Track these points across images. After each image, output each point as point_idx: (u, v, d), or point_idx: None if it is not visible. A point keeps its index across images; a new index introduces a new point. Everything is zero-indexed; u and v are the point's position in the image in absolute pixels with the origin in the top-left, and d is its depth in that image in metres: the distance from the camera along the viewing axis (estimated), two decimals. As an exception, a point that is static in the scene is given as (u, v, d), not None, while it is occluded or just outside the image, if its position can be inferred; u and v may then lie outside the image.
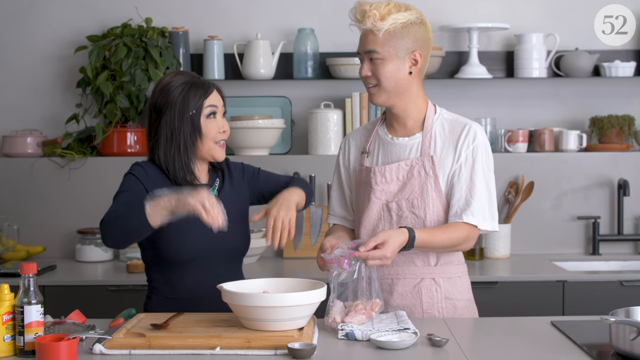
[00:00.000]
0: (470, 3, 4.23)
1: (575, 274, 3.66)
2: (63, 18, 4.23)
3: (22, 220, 4.04)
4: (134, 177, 2.50)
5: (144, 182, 2.49)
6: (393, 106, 2.53)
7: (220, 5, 4.24)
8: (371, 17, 2.42)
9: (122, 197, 2.44)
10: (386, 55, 2.44)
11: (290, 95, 4.23)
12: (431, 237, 2.40)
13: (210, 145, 2.53)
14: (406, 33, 2.44)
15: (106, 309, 3.02)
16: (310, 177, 4.02)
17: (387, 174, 2.52)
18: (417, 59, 2.47)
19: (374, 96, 2.50)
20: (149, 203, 2.26)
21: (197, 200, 2.21)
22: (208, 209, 2.22)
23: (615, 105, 4.22)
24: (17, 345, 2.09)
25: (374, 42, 2.44)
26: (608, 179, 4.11)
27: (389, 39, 2.43)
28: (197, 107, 2.50)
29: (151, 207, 2.25)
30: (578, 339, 2.20)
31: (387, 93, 2.48)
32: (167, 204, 2.25)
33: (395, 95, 2.49)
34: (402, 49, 2.45)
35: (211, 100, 2.53)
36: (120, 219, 2.32)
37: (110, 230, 2.33)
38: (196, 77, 2.56)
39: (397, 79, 2.47)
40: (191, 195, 2.22)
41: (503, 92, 4.26)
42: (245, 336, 2.12)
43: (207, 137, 2.52)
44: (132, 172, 2.52)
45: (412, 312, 2.51)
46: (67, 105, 4.23)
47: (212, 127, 2.52)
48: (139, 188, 2.47)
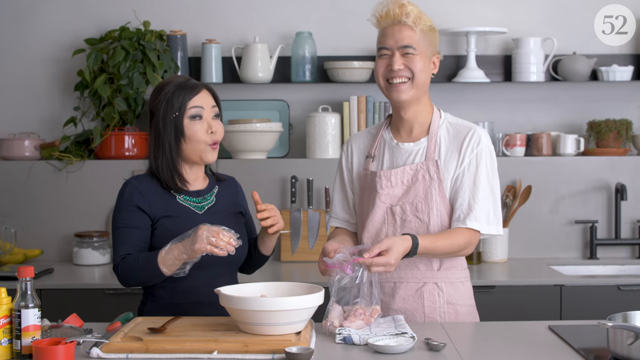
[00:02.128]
0: (468, 7, 4.24)
1: (573, 278, 3.66)
2: (61, 21, 4.23)
3: (20, 223, 4.03)
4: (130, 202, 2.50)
5: (140, 205, 2.49)
6: (406, 109, 2.54)
7: (218, 8, 4.24)
8: (410, 14, 2.47)
9: (127, 236, 2.48)
10: (420, 52, 2.49)
11: (288, 99, 4.23)
12: (434, 243, 2.40)
13: (197, 147, 2.51)
14: (432, 36, 2.53)
15: (103, 313, 3.02)
16: (308, 181, 4.02)
17: (392, 178, 2.52)
18: (436, 62, 2.56)
19: (403, 92, 2.50)
20: (159, 261, 2.36)
21: (202, 244, 2.28)
22: (216, 244, 2.27)
23: (613, 110, 4.22)
24: (14, 349, 2.09)
25: (410, 38, 2.48)
26: (605, 183, 4.11)
27: (423, 38, 2.50)
28: (180, 108, 2.49)
29: (163, 263, 2.36)
30: (575, 343, 2.20)
31: (416, 89, 2.51)
32: (178, 257, 2.35)
33: (419, 94, 2.53)
34: (429, 49, 2.52)
35: (196, 102, 2.50)
36: (134, 271, 2.42)
37: (126, 278, 2.46)
38: (188, 79, 2.55)
39: (426, 76, 2.52)
40: (194, 242, 2.29)
41: (501, 96, 4.26)
42: (242, 340, 2.12)
43: (191, 139, 2.50)
44: (126, 193, 2.52)
45: (413, 317, 2.51)
46: (65, 108, 4.22)
47: (197, 129, 2.50)
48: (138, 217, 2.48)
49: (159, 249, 2.40)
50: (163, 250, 2.36)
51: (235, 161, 4.02)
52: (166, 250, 2.35)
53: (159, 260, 2.36)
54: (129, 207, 2.49)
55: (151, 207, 2.49)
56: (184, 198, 2.54)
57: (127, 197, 2.50)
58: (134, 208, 2.48)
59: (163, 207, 2.50)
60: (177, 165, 2.52)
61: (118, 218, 2.50)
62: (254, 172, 3.99)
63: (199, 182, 2.60)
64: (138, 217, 2.48)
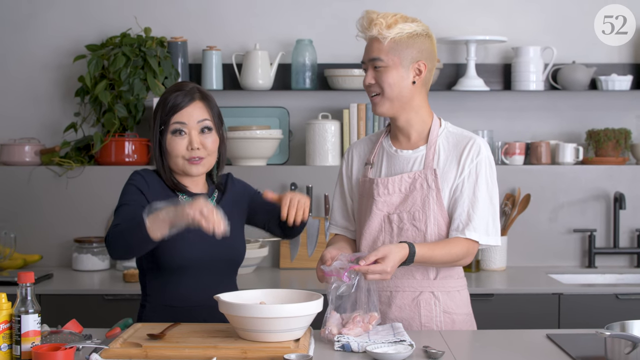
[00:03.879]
0: (468, 16, 4.25)
1: (571, 287, 3.66)
2: (62, 27, 4.24)
3: (19, 228, 4.03)
4: (134, 187, 2.51)
5: (144, 191, 2.50)
6: (396, 117, 2.53)
7: (219, 15, 4.25)
8: (377, 25, 2.44)
9: (123, 211, 2.45)
10: (390, 64, 2.45)
11: (288, 106, 4.24)
12: (431, 252, 2.40)
13: (176, 162, 2.51)
14: (412, 43, 2.46)
15: (103, 319, 3.02)
16: (308, 188, 4.03)
17: (390, 185, 2.52)
18: (422, 69, 2.49)
19: (377, 105, 2.50)
20: (148, 217, 2.27)
21: (195, 210, 2.21)
22: (207, 216, 2.21)
23: (612, 119, 4.23)
24: (13, 354, 2.09)
25: (378, 50, 2.46)
26: (604, 192, 4.12)
27: (394, 48, 2.45)
28: (165, 122, 2.50)
29: (151, 221, 2.26)
30: (573, 352, 2.21)
31: (390, 102, 2.48)
32: (166, 216, 2.26)
33: (398, 105, 2.50)
34: (406, 58, 2.46)
35: (180, 117, 2.49)
36: (122, 234, 2.34)
37: (114, 246, 2.37)
38: (184, 91, 2.53)
39: (400, 87, 2.47)
40: (189, 206, 2.22)
41: (500, 104, 4.27)
42: (241, 347, 2.12)
43: (170, 154, 2.51)
44: (132, 181, 2.53)
45: (410, 325, 2.51)
46: (65, 114, 4.23)
47: (176, 145, 2.49)
48: (139, 199, 2.48)
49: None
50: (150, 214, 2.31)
51: (235, 168, 4.03)
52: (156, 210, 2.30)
53: (147, 213, 2.29)
54: (132, 190, 2.50)
55: (152, 197, 2.49)
56: (186, 199, 2.54)
57: (133, 182, 2.51)
58: (136, 191, 2.49)
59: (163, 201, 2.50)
60: (169, 173, 2.54)
61: (120, 199, 2.50)
62: (253, 179, 3.94)
63: (199, 190, 2.61)
64: (139, 199, 2.48)
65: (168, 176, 2.54)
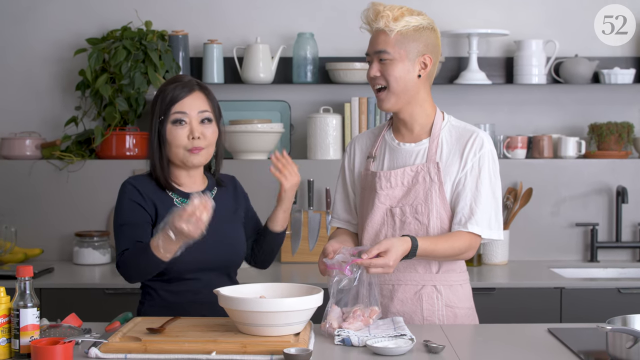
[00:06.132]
0: (470, 9, 4.24)
1: (573, 281, 3.65)
2: (63, 20, 4.23)
3: (20, 222, 4.03)
4: (129, 200, 2.50)
5: (139, 202, 2.50)
6: (400, 111, 2.52)
7: (220, 9, 4.24)
8: (384, 17, 2.43)
9: (126, 232, 2.47)
10: (396, 57, 2.44)
11: (289, 100, 4.23)
12: (434, 246, 2.39)
13: (177, 152, 2.51)
14: (418, 36, 2.45)
15: (102, 313, 3.01)
16: (309, 182, 4.02)
17: (392, 179, 2.51)
18: (427, 62, 2.48)
19: (383, 101, 2.49)
20: (154, 242, 2.32)
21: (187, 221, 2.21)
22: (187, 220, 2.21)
23: (614, 112, 4.22)
24: (12, 348, 2.08)
25: (385, 43, 2.44)
26: (607, 185, 4.11)
27: (401, 41, 2.44)
28: (165, 113, 2.50)
29: (158, 246, 2.31)
30: (575, 346, 2.20)
31: (395, 96, 2.47)
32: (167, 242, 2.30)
33: (404, 100, 2.48)
34: (413, 51, 2.45)
35: (181, 107, 2.50)
36: (133, 261, 2.40)
37: (127, 273, 2.45)
38: (182, 82, 2.54)
39: (406, 81, 2.46)
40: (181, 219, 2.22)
41: (502, 98, 4.26)
42: (241, 341, 2.11)
43: (171, 144, 2.51)
44: (125, 194, 2.52)
45: (412, 319, 2.51)
46: (66, 107, 4.23)
47: (177, 135, 2.50)
48: (138, 214, 2.49)
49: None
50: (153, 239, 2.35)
51: (236, 161, 4.02)
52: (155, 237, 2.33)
53: (153, 248, 2.33)
54: (128, 205, 2.50)
55: (149, 205, 2.50)
56: (182, 200, 2.53)
57: (126, 195, 2.51)
58: (133, 205, 2.49)
59: (160, 206, 2.50)
60: (167, 166, 2.53)
61: (117, 217, 2.50)
62: (254, 173, 3.98)
63: (197, 185, 2.59)
64: (138, 214, 2.48)
65: (164, 171, 2.53)
